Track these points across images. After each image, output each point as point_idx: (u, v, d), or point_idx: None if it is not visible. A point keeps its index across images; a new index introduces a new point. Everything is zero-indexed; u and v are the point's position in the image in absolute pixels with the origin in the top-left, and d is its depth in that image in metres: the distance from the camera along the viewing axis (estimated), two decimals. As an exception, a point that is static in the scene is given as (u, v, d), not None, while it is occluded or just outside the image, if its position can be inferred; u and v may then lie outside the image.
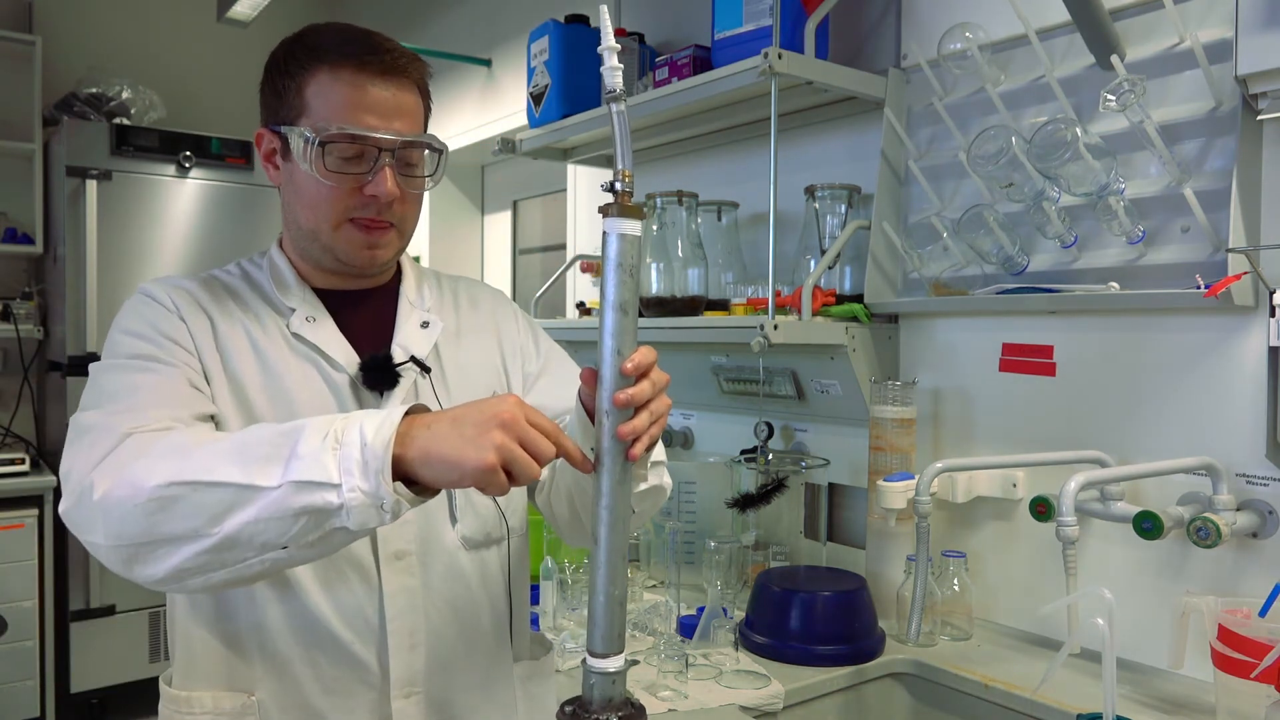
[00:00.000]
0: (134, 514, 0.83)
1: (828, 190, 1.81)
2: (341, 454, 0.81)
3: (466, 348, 1.17)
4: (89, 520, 0.86)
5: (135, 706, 3.37)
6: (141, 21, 3.96)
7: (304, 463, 0.81)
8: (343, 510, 0.81)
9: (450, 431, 0.82)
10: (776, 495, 1.77)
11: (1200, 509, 1.34)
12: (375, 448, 0.81)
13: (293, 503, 0.81)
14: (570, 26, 2.11)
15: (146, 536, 0.83)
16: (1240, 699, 1.17)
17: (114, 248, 3.31)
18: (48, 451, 3.58)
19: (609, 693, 0.84)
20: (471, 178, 3.64)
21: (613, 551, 0.84)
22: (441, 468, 0.82)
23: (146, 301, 1.05)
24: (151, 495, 0.83)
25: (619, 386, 0.84)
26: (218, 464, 0.83)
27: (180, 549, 0.83)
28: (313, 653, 1.02)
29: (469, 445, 0.81)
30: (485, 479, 0.81)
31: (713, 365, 2.06)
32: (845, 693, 1.48)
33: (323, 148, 1.01)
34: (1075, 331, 1.55)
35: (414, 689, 1.06)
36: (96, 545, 0.86)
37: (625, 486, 0.85)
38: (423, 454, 0.82)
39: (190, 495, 0.82)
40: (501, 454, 0.81)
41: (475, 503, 1.12)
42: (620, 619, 0.85)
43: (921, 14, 1.75)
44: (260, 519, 0.81)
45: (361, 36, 1.04)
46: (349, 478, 0.80)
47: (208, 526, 0.82)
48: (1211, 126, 1.37)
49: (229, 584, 0.87)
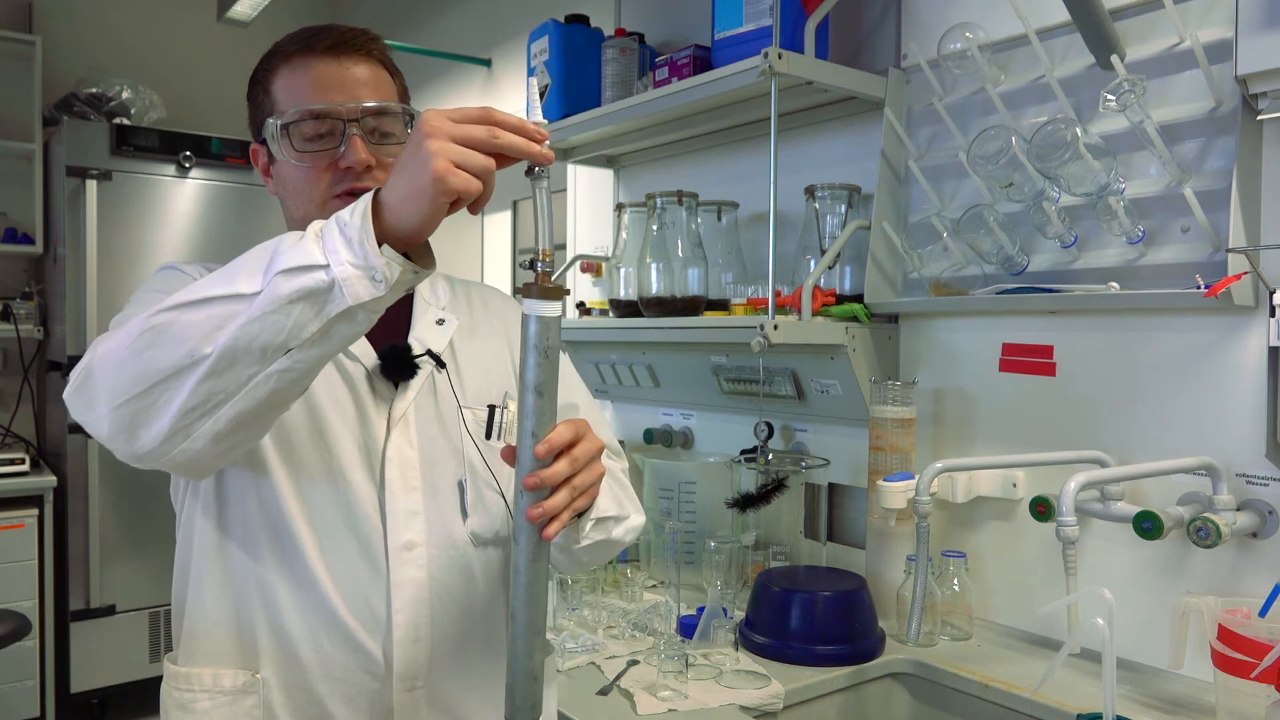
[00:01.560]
0: (127, 357, 0.82)
1: (828, 190, 1.81)
2: (324, 239, 0.81)
3: (479, 345, 1.19)
4: (89, 390, 0.85)
5: (135, 706, 3.37)
6: (141, 21, 3.96)
7: (288, 254, 0.81)
8: (335, 287, 0.79)
9: (398, 175, 0.82)
10: (776, 495, 1.77)
11: (1200, 509, 1.34)
12: (353, 223, 0.81)
13: (284, 290, 0.79)
14: (570, 26, 2.11)
15: (143, 380, 0.81)
16: (1240, 699, 1.17)
17: (114, 248, 3.31)
18: (48, 451, 3.59)
19: None
20: (471, 178, 3.64)
21: (528, 627, 0.86)
22: (411, 205, 0.80)
23: (172, 269, 1.08)
24: (141, 330, 0.81)
25: (534, 468, 0.85)
26: (203, 286, 0.82)
27: (179, 385, 0.81)
28: (318, 637, 1.03)
29: (416, 172, 0.80)
30: (447, 187, 0.79)
31: (713, 365, 2.06)
32: (845, 693, 1.48)
33: (288, 131, 1.04)
34: (1075, 331, 1.55)
35: (417, 683, 1.06)
36: (99, 419, 0.84)
37: (540, 564, 0.87)
38: (391, 211, 0.81)
39: (179, 318, 0.81)
40: (444, 156, 0.79)
41: (486, 499, 1.13)
42: (535, 691, 0.88)
43: (921, 14, 1.75)
44: (255, 319, 0.79)
45: (315, 27, 1.08)
46: (335, 255, 0.80)
47: (202, 345, 0.80)
48: (1211, 126, 1.37)
49: (237, 424, 0.84)
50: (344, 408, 1.07)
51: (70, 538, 3.25)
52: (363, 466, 1.06)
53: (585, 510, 0.95)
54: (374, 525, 1.05)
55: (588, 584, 1.75)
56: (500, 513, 1.14)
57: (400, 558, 1.05)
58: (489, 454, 1.13)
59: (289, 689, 1.03)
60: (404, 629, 1.05)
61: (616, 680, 1.41)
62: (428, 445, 1.09)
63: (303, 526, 1.03)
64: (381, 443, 1.07)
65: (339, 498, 1.04)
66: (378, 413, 1.08)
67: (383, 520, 1.05)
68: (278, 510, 1.03)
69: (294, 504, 1.03)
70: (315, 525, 1.04)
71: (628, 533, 1.14)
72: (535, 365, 0.83)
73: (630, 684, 1.39)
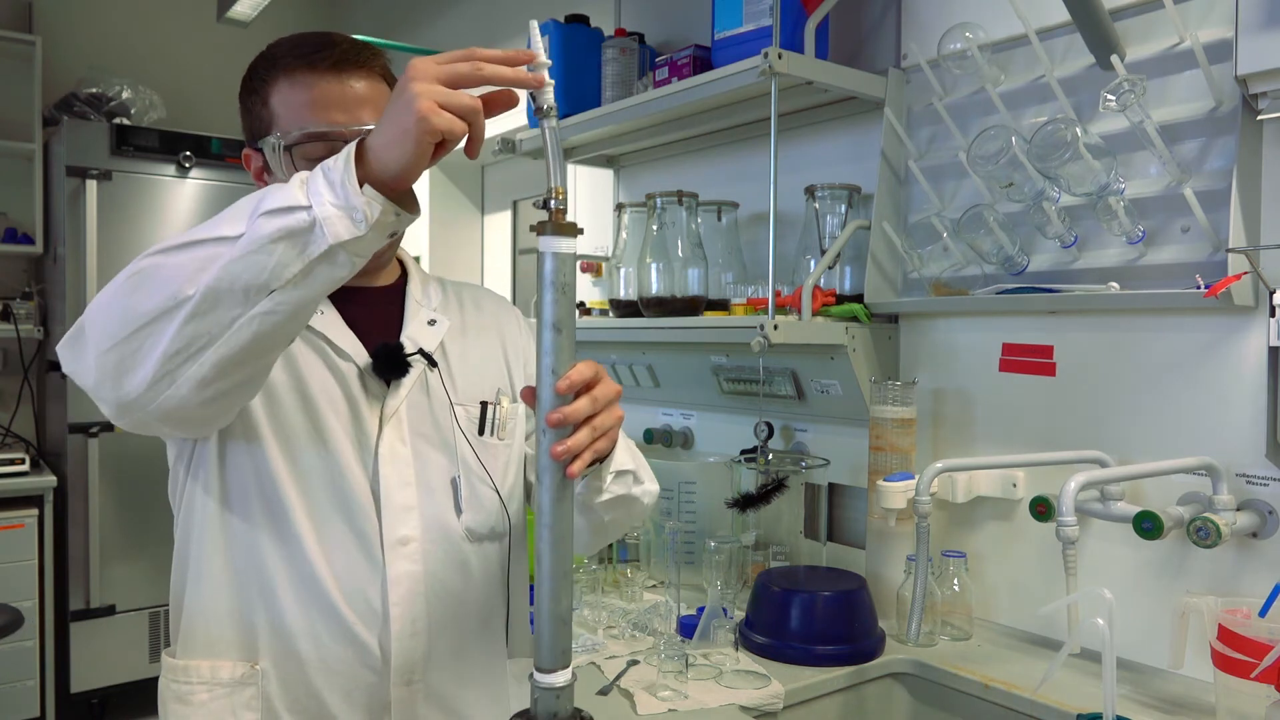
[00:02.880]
0: (113, 301, 0.83)
1: (828, 190, 1.81)
2: (309, 184, 0.82)
3: (471, 345, 1.20)
4: (79, 342, 0.87)
5: (135, 706, 3.37)
6: (141, 21, 3.96)
7: (272, 197, 0.82)
8: (316, 226, 0.80)
9: (383, 121, 0.82)
10: (776, 495, 1.77)
11: (1200, 509, 1.34)
12: (336, 167, 0.82)
13: (265, 230, 0.80)
14: (570, 26, 2.11)
15: (128, 324, 0.82)
16: (1240, 699, 1.17)
17: (114, 248, 3.30)
18: (48, 451, 3.58)
19: (554, 707, 0.84)
20: (471, 178, 3.64)
21: (555, 569, 0.85)
22: (395, 148, 0.80)
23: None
24: (129, 274, 0.84)
25: (555, 405, 0.84)
26: (190, 232, 0.84)
27: (163, 328, 0.81)
28: (316, 630, 1.04)
29: (400, 115, 0.80)
30: (431, 125, 0.79)
31: (713, 365, 2.06)
32: (845, 693, 1.48)
33: (290, 152, 1.03)
34: (1075, 331, 1.55)
35: (414, 677, 1.07)
36: (87, 369, 0.86)
37: (565, 505, 0.85)
38: (375, 155, 0.82)
39: (164, 261, 0.83)
40: (428, 97, 0.79)
41: (480, 495, 1.13)
42: (565, 636, 0.85)
43: (921, 14, 1.75)
44: (237, 258, 0.80)
45: (314, 38, 1.07)
46: (317, 197, 0.81)
47: (186, 287, 0.80)
48: (1211, 126, 1.37)
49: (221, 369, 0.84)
50: (338, 405, 1.07)
51: (70, 538, 3.25)
52: (357, 462, 1.07)
53: (606, 455, 0.94)
54: (370, 520, 1.06)
55: (588, 584, 1.75)
56: (494, 508, 1.15)
57: (396, 552, 1.06)
58: (482, 450, 1.14)
59: (286, 682, 1.04)
60: (401, 623, 1.06)
61: (616, 680, 1.41)
62: (420, 442, 1.10)
63: (302, 518, 1.03)
64: (374, 440, 1.08)
65: (336, 492, 1.05)
66: (370, 410, 1.09)
67: (378, 515, 1.06)
68: (278, 501, 1.03)
69: (293, 496, 1.04)
70: (313, 518, 1.04)
71: (646, 494, 1.14)
72: (552, 302, 0.83)
73: (630, 684, 1.39)
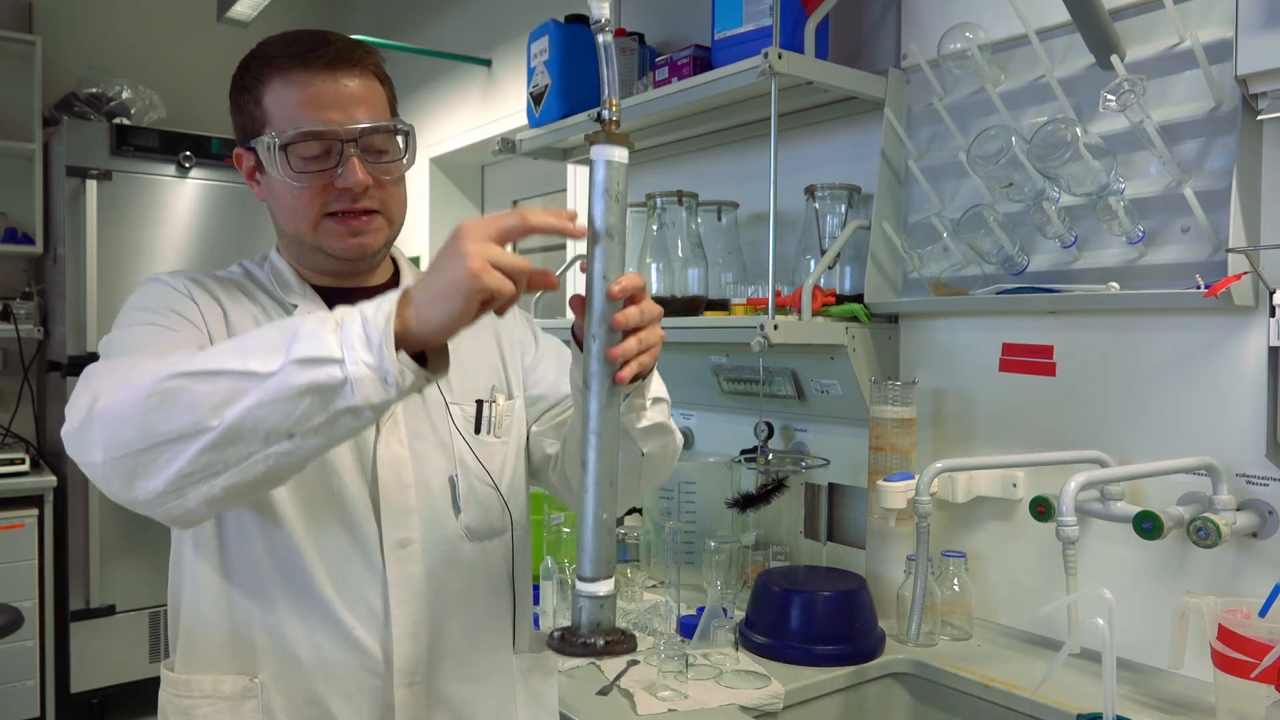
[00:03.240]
0: (132, 415, 0.81)
1: (828, 190, 1.81)
2: (343, 332, 0.80)
3: (466, 343, 1.17)
4: (88, 436, 0.84)
5: (135, 706, 3.37)
6: (141, 21, 3.96)
7: (305, 342, 0.80)
8: (347, 385, 0.79)
9: (430, 277, 0.81)
10: (776, 495, 1.77)
11: (1200, 509, 1.34)
12: (376, 322, 0.80)
13: (296, 381, 0.79)
14: (570, 26, 2.11)
15: (145, 440, 0.81)
16: (1240, 699, 1.16)
17: (114, 248, 3.31)
18: (48, 451, 3.58)
19: (597, 617, 0.83)
20: (471, 178, 3.64)
21: (601, 476, 0.84)
22: (442, 303, 0.80)
23: (159, 282, 1.07)
24: (150, 391, 0.81)
25: (606, 311, 0.85)
26: (218, 357, 0.82)
27: (181, 450, 0.80)
28: (316, 637, 1.03)
29: (450, 270, 0.79)
30: (482, 284, 0.79)
31: (713, 365, 2.06)
32: (845, 693, 1.48)
33: (285, 151, 1.02)
34: (1075, 331, 1.55)
35: (416, 678, 1.07)
36: (95, 464, 0.84)
37: (613, 411, 0.85)
38: (417, 310, 0.81)
39: (190, 386, 0.80)
40: (481, 257, 0.79)
41: (478, 493, 1.13)
42: (609, 544, 0.85)
43: (921, 14, 1.75)
44: (264, 402, 0.79)
45: (307, 36, 1.05)
46: (351, 351, 0.79)
47: (209, 418, 0.79)
48: (1211, 126, 1.37)
49: (231, 493, 0.84)
50: None
51: (70, 538, 3.25)
52: (355, 466, 1.06)
53: (648, 373, 0.96)
54: (369, 524, 1.05)
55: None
56: (494, 506, 1.15)
57: (396, 555, 1.06)
58: (480, 448, 1.14)
59: (288, 691, 1.04)
60: (402, 625, 1.05)
61: (616, 680, 1.41)
62: (417, 443, 1.10)
63: (298, 527, 1.03)
64: (372, 442, 1.07)
65: (333, 499, 1.05)
66: None
67: (377, 519, 1.06)
68: (273, 513, 1.03)
69: (289, 505, 1.03)
70: (310, 526, 1.04)
71: (678, 434, 1.14)
72: (604, 210, 0.84)
73: (630, 684, 1.39)
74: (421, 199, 3.57)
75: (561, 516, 1.83)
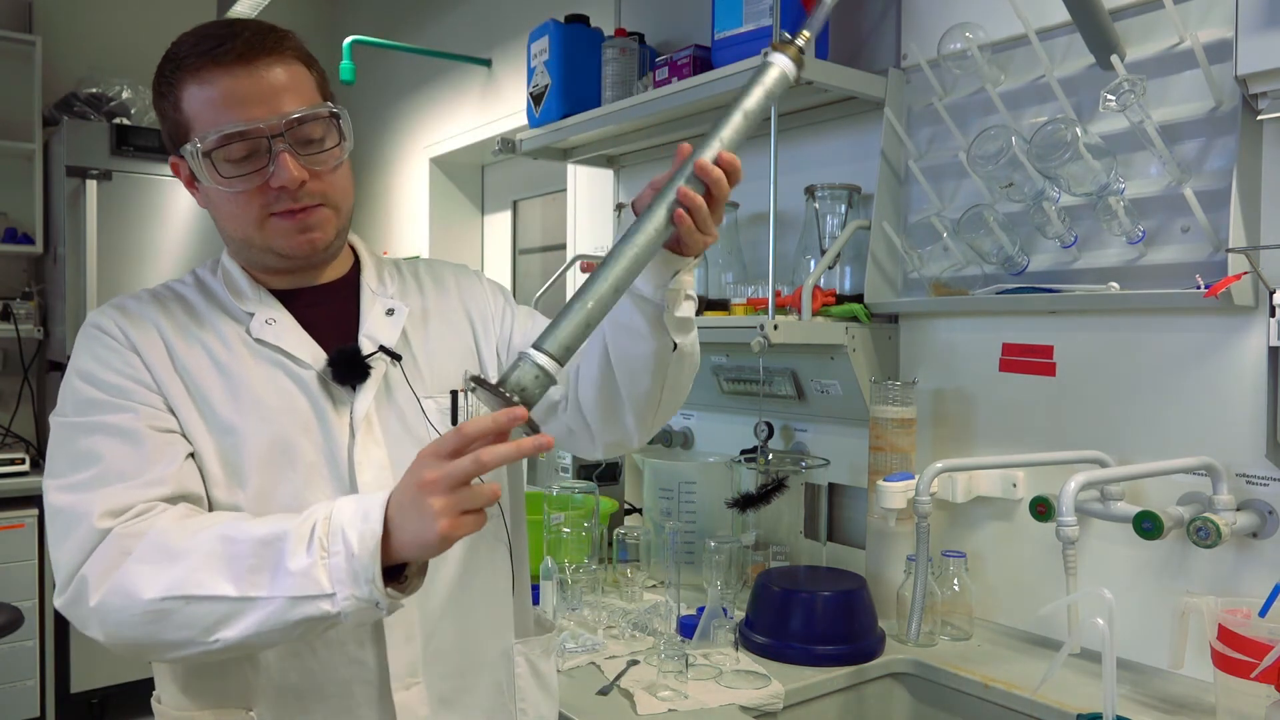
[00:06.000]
0: (131, 623, 0.88)
1: (828, 190, 1.81)
2: (330, 564, 0.85)
3: (435, 331, 1.15)
4: (86, 622, 0.90)
5: (135, 706, 3.37)
6: (141, 21, 3.96)
7: (296, 579, 0.85)
8: (340, 615, 0.85)
9: (404, 526, 0.84)
10: (776, 495, 1.77)
11: (1200, 509, 1.34)
12: (363, 558, 0.84)
13: (290, 616, 0.85)
14: (570, 26, 2.11)
15: (147, 640, 0.88)
16: (1240, 699, 1.17)
17: (114, 248, 3.31)
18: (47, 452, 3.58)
19: (526, 383, 0.85)
20: (471, 178, 3.64)
21: (615, 281, 0.89)
22: (419, 550, 0.85)
23: (95, 336, 1.01)
24: (146, 609, 0.87)
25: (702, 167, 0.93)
26: (207, 576, 0.86)
27: (180, 650, 0.88)
28: (305, 658, 1.01)
29: (421, 530, 0.83)
30: (455, 538, 0.83)
31: (713, 365, 2.06)
32: (845, 693, 1.48)
33: (210, 157, 0.97)
34: (1075, 331, 1.55)
35: (414, 679, 1.05)
36: (95, 637, 0.91)
37: (657, 240, 0.92)
38: (399, 549, 0.85)
39: (184, 608, 0.86)
40: (449, 513, 0.82)
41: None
42: (579, 337, 0.88)
43: (921, 14, 1.75)
44: (260, 631, 0.86)
45: (216, 29, 0.99)
46: (341, 587, 0.84)
47: (205, 636, 0.87)
48: (1211, 126, 1.37)
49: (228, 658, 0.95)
50: (304, 419, 1.02)
51: (70, 538, 3.24)
52: (331, 477, 1.02)
53: (698, 254, 0.99)
54: None
55: (588, 584, 1.75)
56: None
57: None
58: None
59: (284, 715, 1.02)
60: (395, 631, 1.04)
61: (616, 680, 1.41)
62: (394, 443, 1.06)
63: None
64: (347, 448, 1.03)
65: None
66: (339, 417, 1.04)
67: None
68: None
69: None
70: None
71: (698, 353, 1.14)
72: (755, 99, 0.96)
73: (630, 684, 1.39)
74: (421, 199, 3.57)
75: (562, 517, 1.83)
